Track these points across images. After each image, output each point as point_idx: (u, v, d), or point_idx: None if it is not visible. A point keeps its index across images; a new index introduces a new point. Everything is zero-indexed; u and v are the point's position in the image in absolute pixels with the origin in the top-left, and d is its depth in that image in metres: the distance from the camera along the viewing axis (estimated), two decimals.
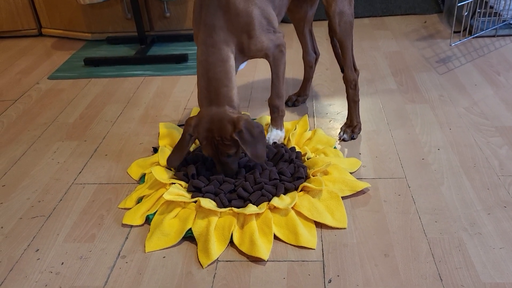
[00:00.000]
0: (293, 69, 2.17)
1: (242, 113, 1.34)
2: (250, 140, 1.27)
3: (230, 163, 1.33)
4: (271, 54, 1.41)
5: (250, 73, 2.14)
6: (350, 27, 1.50)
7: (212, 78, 1.29)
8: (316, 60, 1.80)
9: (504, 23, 2.34)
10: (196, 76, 2.18)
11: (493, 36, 2.35)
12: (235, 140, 1.27)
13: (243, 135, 1.26)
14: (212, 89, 1.29)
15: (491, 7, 2.34)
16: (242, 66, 1.46)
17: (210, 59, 1.29)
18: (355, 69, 1.58)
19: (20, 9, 2.76)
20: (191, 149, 1.51)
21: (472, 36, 2.28)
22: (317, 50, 1.79)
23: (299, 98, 1.84)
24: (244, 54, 1.36)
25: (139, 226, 1.26)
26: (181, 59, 2.33)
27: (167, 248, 1.18)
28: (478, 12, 2.28)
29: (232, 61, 1.31)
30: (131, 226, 1.27)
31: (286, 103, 1.83)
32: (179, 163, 1.37)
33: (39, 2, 2.75)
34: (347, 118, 1.63)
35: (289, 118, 1.73)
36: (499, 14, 2.33)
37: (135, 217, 1.27)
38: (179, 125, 1.72)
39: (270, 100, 1.51)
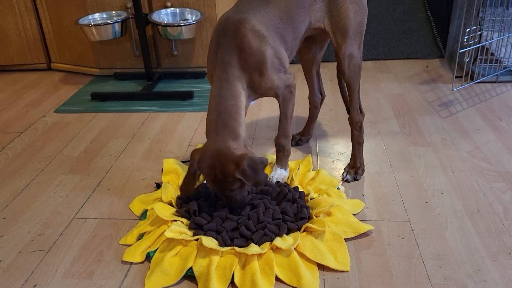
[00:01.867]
0: (296, 108, 2.19)
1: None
2: (252, 176, 1.27)
3: (235, 195, 1.33)
4: (281, 93, 1.44)
5: (255, 111, 2.17)
6: (358, 70, 1.53)
7: (222, 112, 1.32)
8: (322, 101, 1.82)
9: (505, 69, 2.38)
10: (200, 113, 2.20)
11: (495, 82, 2.39)
12: (238, 179, 1.27)
13: (245, 173, 1.26)
14: (220, 122, 1.31)
15: (492, 54, 2.39)
16: (252, 103, 1.49)
17: (223, 93, 1.33)
18: (361, 111, 1.59)
19: (31, 44, 2.83)
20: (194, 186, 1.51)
21: (473, 82, 2.32)
22: (323, 91, 1.82)
23: (303, 138, 1.85)
24: (255, 91, 1.39)
25: (139, 263, 1.25)
26: (187, 96, 2.36)
27: (167, 287, 1.16)
28: (479, 58, 2.32)
29: (243, 97, 1.34)
30: (131, 263, 1.25)
31: None
32: (189, 195, 1.39)
33: (50, 37, 2.82)
34: (350, 159, 1.64)
35: (293, 158, 1.74)
36: (500, 61, 2.37)
37: (136, 254, 1.26)
38: (183, 162, 1.72)
39: (276, 139, 1.53)
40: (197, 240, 1.25)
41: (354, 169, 1.61)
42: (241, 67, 1.34)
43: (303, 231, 1.30)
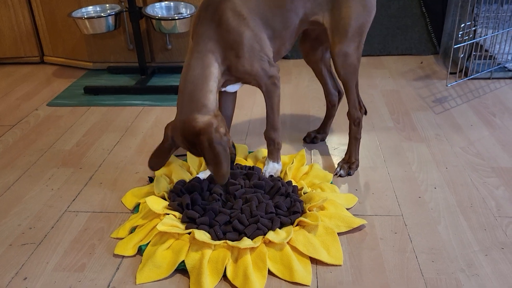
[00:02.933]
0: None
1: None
2: (211, 156, 1.25)
3: None
4: (264, 84, 1.42)
5: (249, 106, 2.16)
6: (353, 70, 1.49)
7: (188, 81, 1.31)
8: (340, 99, 1.77)
9: (499, 66, 2.39)
10: None
11: (488, 78, 2.39)
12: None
13: (204, 150, 1.25)
14: (186, 92, 1.31)
15: (486, 51, 2.40)
16: (234, 88, 1.47)
17: (192, 63, 1.32)
18: (361, 107, 1.58)
19: (24, 37, 2.80)
20: (187, 179, 1.50)
21: (467, 78, 2.32)
22: (341, 89, 1.75)
23: (318, 136, 1.82)
24: (231, 73, 1.37)
25: (131, 256, 1.24)
26: None
27: (159, 280, 1.16)
28: (473, 54, 2.33)
29: (213, 68, 1.32)
30: (123, 257, 1.24)
31: (304, 139, 1.83)
32: (159, 168, 1.38)
33: (43, 30, 2.79)
34: (345, 154, 1.63)
35: (286, 152, 1.74)
36: (494, 57, 2.38)
37: (127, 248, 1.25)
38: (177, 156, 1.71)
39: (266, 132, 1.52)
40: (189, 233, 1.25)
41: (348, 164, 1.60)
42: (216, 41, 1.32)
43: (296, 225, 1.30)
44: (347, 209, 1.40)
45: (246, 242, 1.20)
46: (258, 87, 1.44)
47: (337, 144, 1.81)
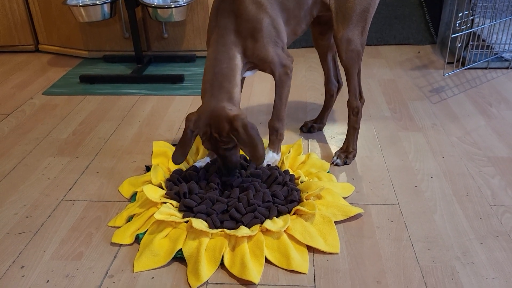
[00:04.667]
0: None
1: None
2: (247, 140, 1.30)
3: (229, 156, 1.36)
4: (277, 72, 1.43)
5: (246, 95, 2.15)
6: (357, 56, 1.49)
7: (217, 73, 1.34)
8: (339, 89, 1.77)
9: (496, 56, 2.39)
10: (191, 97, 2.18)
11: (485, 68, 2.39)
12: (231, 138, 1.30)
13: (239, 135, 1.29)
14: (216, 84, 1.34)
15: (483, 40, 2.39)
16: (250, 73, 1.49)
17: (219, 56, 1.35)
18: (361, 97, 1.58)
19: (18, 25, 2.77)
20: (184, 168, 1.50)
21: (464, 68, 2.32)
22: (340, 79, 1.76)
23: (315, 125, 1.82)
24: (248, 57, 1.39)
25: (128, 245, 1.24)
26: (177, 79, 2.34)
27: (156, 268, 1.16)
28: (471, 44, 2.32)
29: (238, 61, 1.36)
30: (120, 245, 1.24)
31: (301, 129, 1.83)
32: (183, 160, 1.38)
33: (37, 18, 2.76)
34: (343, 143, 1.63)
35: (283, 141, 1.73)
36: (491, 47, 2.38)
37: (125, 236, 1.25)
38: (174, 145, 1.71)
39: (270, 122, 1.52)
40: (186, 222, 1.25)
41: (346, 153, 1.60)
42: (237, 32, 1.35)
43: (293, 214, 1.30)
44: (344, 198, 1.40)
45: (243, 231, 1.20)
46: (271, 75, 1.46)
47: (334, 133, 1.81)
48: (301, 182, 1.43)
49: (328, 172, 1.53)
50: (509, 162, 1.58)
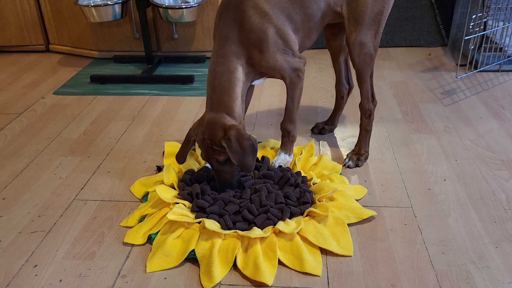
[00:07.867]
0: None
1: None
2: (238, 150, 1.27)
3: (223, 172, 1.33)
4: (288, 76, 1.41)
5: (256, 97, 2.15)
6: (369, 59, 1.47)
7: (216, 87, 1.34)
8: (349, 91, 1.76)
9: (508, 58, 2.37)
10: (201, 97, 2.18)
11: (497, 70, 2.37)
12: (223, 147, 1.28)
13: (230, 144, 1.27)
14: (214, 97, 1.34)
15: (496, 43, 2.37)
16: (259, 81, 1.47)
17: (218, 69, 1.34)
18: (373, 99, 1.57)
19: (29, 25, 2.79)
20: (196, 169, 1.50)
21: (477, 70, 2.30)
22: (351, 81, 1.75)
23: (326, 127, 1.81)
24: (255, 69, 1.37)
25: (141, 245, 1.24)
26: (187, 80, 2.34)
27: (168, 269, 1.16)
28: (483, 46, 2.30)
29: (239, 74, 1.34)
30: (133, 245, 1.24)
31: (312, 130, 1.82)
32: (183, 161, 1.40)
33: (48, 18, 2.78)
34: (355, 145, 1.62)
35: (295, 143, 1.72)
36: (504, 49, 2.36)
37: (137, 236, 1.25)
38: None
39: (282, 123, 1.51)
40: (199, 222, 1.24)
41: (358, 155, 1.59)
42: (240, 42, 1.33)
43: (306, 216, 1.29)
44: (356, 200, 1.40)
45: (256, 232, 1.20)
46: (282, 80, 1.44)
47: (345, 135, 1.80)
48: (313, 184, 1.42)
49: (340, 174, 1.52)
50: None
